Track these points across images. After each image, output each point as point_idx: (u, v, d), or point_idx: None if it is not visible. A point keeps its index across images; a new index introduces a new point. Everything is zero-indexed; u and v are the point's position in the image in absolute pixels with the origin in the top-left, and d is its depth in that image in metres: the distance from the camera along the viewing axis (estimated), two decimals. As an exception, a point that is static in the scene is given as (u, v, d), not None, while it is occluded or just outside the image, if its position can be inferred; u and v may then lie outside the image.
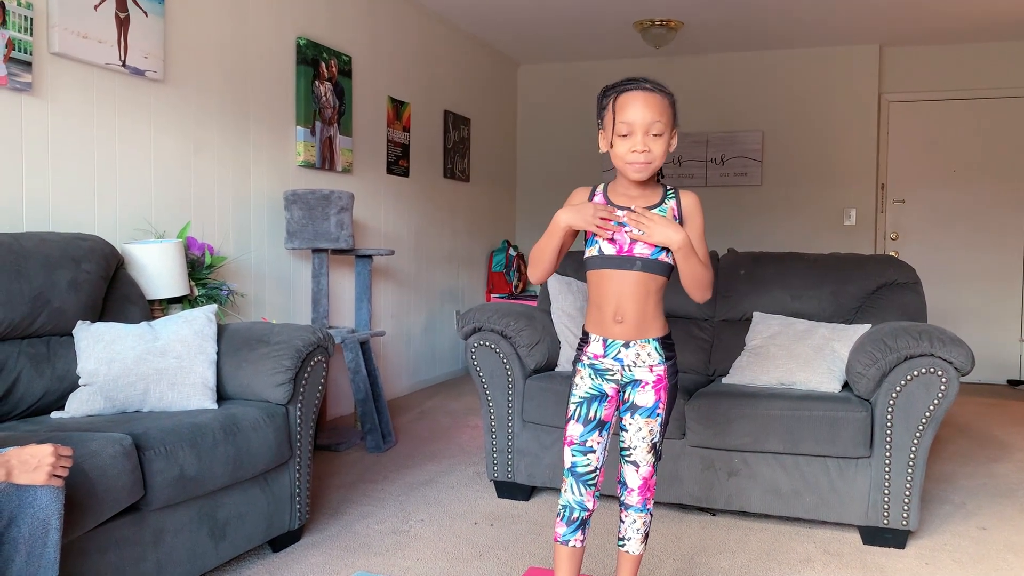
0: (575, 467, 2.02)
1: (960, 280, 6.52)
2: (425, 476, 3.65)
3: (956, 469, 3.87)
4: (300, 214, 4.05)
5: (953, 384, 2.74)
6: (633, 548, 2.07)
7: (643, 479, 2.03)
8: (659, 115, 1.87)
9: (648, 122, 1.86)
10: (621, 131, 1.88)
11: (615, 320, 1.95)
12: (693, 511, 3.20)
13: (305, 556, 2.73)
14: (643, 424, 2.00)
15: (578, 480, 2.01)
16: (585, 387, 2.01)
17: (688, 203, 1.99)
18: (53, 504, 1.70)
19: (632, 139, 1.87)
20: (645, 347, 1.97)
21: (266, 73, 4.18)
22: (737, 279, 3.74)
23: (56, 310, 2.57)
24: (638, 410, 1.99)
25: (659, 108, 1.88)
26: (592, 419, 2.00)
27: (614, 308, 1.95)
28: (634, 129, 1.87)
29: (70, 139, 3.10)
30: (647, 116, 1.86)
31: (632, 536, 2.06)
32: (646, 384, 1.99)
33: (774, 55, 6.76)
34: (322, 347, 2.80)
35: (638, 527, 2.06)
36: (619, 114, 1.88)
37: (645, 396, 1.99)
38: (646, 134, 1.87)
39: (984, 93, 6.41)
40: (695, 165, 6.98)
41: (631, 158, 1.88)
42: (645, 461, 2.02)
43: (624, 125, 1.87)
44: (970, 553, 2.82)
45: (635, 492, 2.04)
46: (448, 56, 6.14)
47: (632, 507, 2.05)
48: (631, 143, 1.87)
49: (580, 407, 2.01)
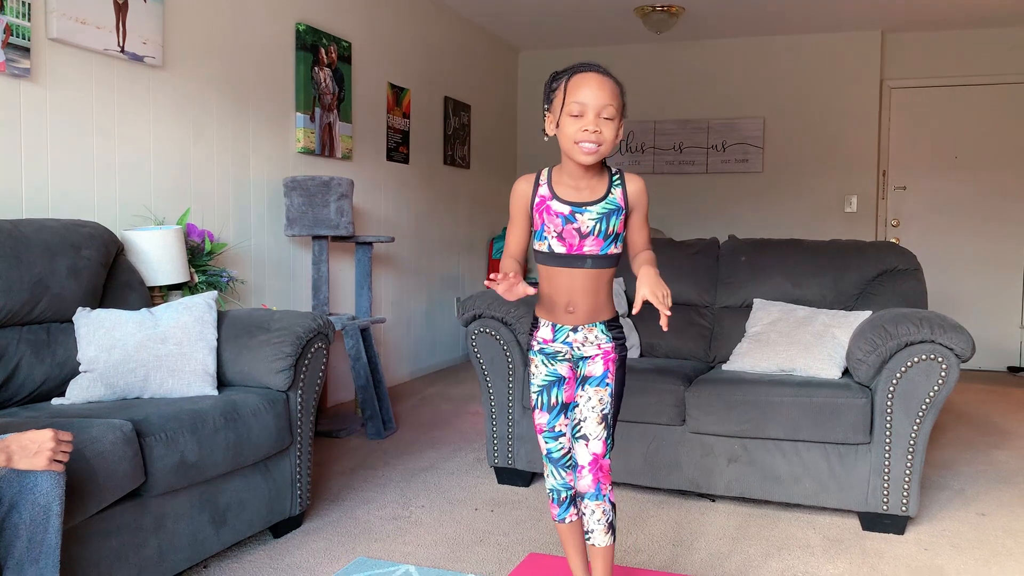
0: (550, 452, 2.06)
1: (961, 267, 6.51)
2: (426, 462, 3.66)
3: (956, 455, 3.88)
4: (300, 201, 4.05)
5: (953, 371, 2.74)
6: (598, 540, 1.99)
7: (593, 455, 1.97)
8: (611, 99, 1.85)
9: (601, 104, 1.84)
10: (572, 111, 1.85)
11: (567, 311, 1.98)
12: (693, 497, 3.21)
13: (306, 542, 2.74)
14: (592, 393, 1.99)
15: (555, 464, 2.07)
16: (542, 375, 2.04)
17: (634, 189, 1.97)
18: (54, 490, 1.70)
19: (583, 119, 1.85)
20: (592, 330, 1.99)
21: (265, 59, 4.16)
22: (738, 266, 3.73)
23: (56, 296, 2.57)
24: (587, 380, 2.00)
25: (612, 92, 1.86)
26: (555, 404, 2.04)
27: (566, 301, 1.97)
28: (586, 110, 1.84)
29: (69, 125, 3.09)
30: (600, 98, 1.84)
31: (594, 528, 1.99)
32: (595, 356, 2.00)
33: (775, 41, 6.73)
34: (322, 334, 2.80)
35: (598, 517, 1.98)
36: (571, 94, 1.86)
37: (594, 366, 2.00)
38: (598, 116, 1.85)
39: (987, 79, 6.39)
40: (696, 152, 6.96)
41: (581, 137, 1.85)
42: (595, 435, 1.97)
43: (576, 105, 1.85)
44: (969, 539, 2.83)
45: (586, 471, 1.97)
46: (448, 42, 6.12)
47: (587, 495, 1.98)
48: (582, 123, 1.84)
49: (541, 395, 2.05)
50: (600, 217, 1.92)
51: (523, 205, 2.01)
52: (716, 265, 3.79)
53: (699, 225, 6.87)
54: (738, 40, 6.81)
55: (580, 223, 1.93)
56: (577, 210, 1.93)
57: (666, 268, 3.80)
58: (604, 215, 1.93)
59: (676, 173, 7.02)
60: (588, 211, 1.93)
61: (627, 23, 6.38)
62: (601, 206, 1.93)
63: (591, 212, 1.93)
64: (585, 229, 1.92)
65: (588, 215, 1.93)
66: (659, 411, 3.08)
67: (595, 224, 1.92)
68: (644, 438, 3.12)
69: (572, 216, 1.93)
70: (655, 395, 3.08)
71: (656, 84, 7.05)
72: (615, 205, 1.94)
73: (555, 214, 1.94)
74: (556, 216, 1.94)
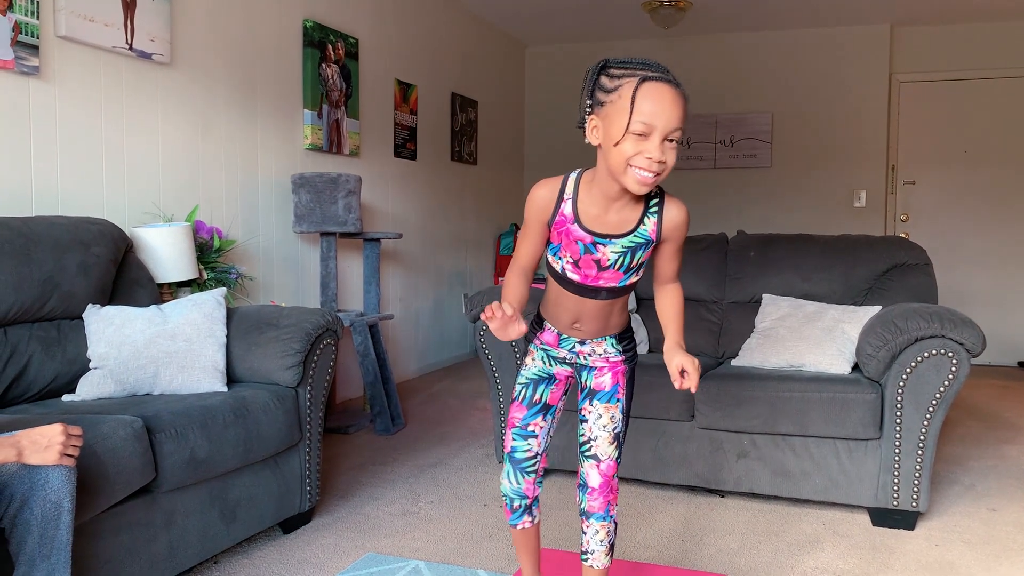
0: (514, 452, 1.88)
1: (971, 261, 6.48)
2: (434, 458, 3.66)
3: (966, 451, 3.86)
4: (308, 197, 4.05)
5: (964, 366, 2.73)
6: (598, 562, 1.88)
7: (604, 477, 1.84)
8: (682, 121, 1.56)
9: (672, 127, 1.55)
10: (637, 129, 1.54)
11: (573, 327, 1.82)
12: (702, 493, 3.20)
13: (315, 538, 2.74)
14: (603, 411, 1.84)
15: (516, 467, 1.89)
16: (534, 368, 1.90)
17: (672, 219, 1.70)
18: (65, 486, 1.70)
19: (648, 142, 1.54)
20: (601, 344, 1.84)
21: (273, 56, 4.17)
22: (747, 261, 3.72)
23: (66, 294, 2.58)
24: (596, 395, 1.85)
25: (683, 113, 1.56)
26: (537, 402, 1.88)
27: (573, 318, 1.81)
28: (653, 132, 1.54)
29: (78, 123, 3.10)
30: (673, 120, 1.54)
31: (595, 549, 1.88)
32: (603, 369, 1.85)
33: (784, 35, 6.70)
34: (331, 330, 2.80)
35: (601, 538, 1.87)
36: (640, 106, 1.53)
37: (602, 379, 1.85)
38: (664, 139, 1.55)
39: (997, 73, 6.35)
40: (704, 147, 6.94)
41: (642, 164, 1.55)
42: (607, 455, 1.84)
43: (643, 124, 1.54)
44: (979, 534, 2.82)
45: (596, 494, 1.85)
46: (455, 38, 6.11)
47: (594, 515, 1.86)
48: (646, 147, 1.54)
49: (526, 388, 1.89)
50: (625, 251, 1.70)
51: (541, 217, 1.75)
52: (725, 261, 3.78)
53: (707, 220, 6.85)
54: (746, 35, 6.79)
55: (601, 255, 1.70)
56: (600, 241, 1.69)
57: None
58: (630, 249, 1.70)
59: (684, 168, 7.00)
60: (613, 244, 1.69)
61: (635, 18, 6.36)
62: (628, 239, 1.69)
63: (615, 245, 1.69)
64: (606, 261, 1.71)
65: (612, 248, 1.70)
66: (668, 407, 3.07)
67: (618, 258, 1.70)
68: (653, 433, 3.12)
69: (593, 247, 1.70)
70: (664, 390, 3.07)
71: (664, 79, 7.02)
72: (645, 239, 1.70)
73: (574, 239, 1.71)
74: (575, 242, 1.71)
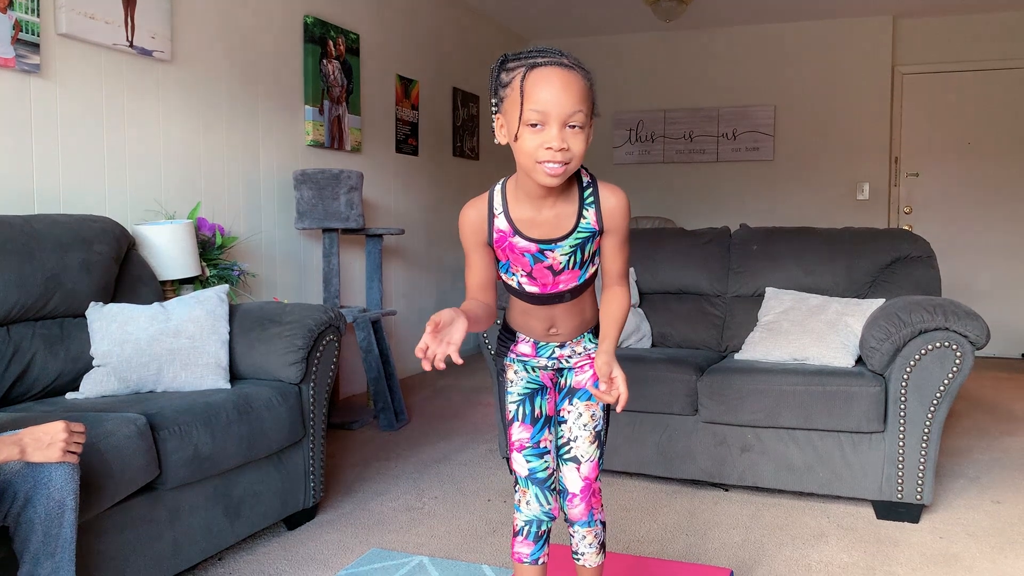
0: (535, 473, 1.74)
1: (974, 253, 6.46)
2: (438, 454, 3.66)
3: (970, 443, 3.86)
4: (310, 194, 4.05)
5: (968, 358, 2.72)
6: (590, 561, 1.81)
7: (586, 480, 1.74)
8: (580, 102, 1.45)
9: (567, 112, 1.44)
10: (531, 119, 1.45)
11: (550, 333, 1.73)
12: (706, 487, 3.20)
13: (320, 534, 2.75)
14: (583, 409, 1.74)
15: (541, 488, 1.75)
16: (522, 382, 1.76)
17: (610, 206, 1.59)
18: (68, 484, 1.71)
19: (546, 132, 1.45)
20: (579, 343, 1.75)
21: (274, 52, 4.16)
22: (749, 254, 3.71)
23: (69, 291, 2.58)
24: (576, 393, 1.75)
25: (580, 93, 1.45)
26: (539, 416, 1.76)
27: (548, 324, 1.72)
28: (548, 119, 1.44)
29: (79, 120, 3.10)
30: (566, 103, 1.44)
31: (586, 551, 1.80)
32: (583, 366, 1.75)
33: (785, 28, 6.68)
34: (334, 326, 2.80)
35: (589, 541, 1.79)
36: (529, 96, 1.45)
37: (581, 376, 1.75)
38: (563, 126, 1.45)
39: (1000, 64, 6.32)
40: (706, 140, 6.92)
41: (544, 156, 1.45)
42: (588, 456, 1.73)
43: (535, 113, 1.44)
44: (984, 527, 2.81)
45: (578, 500, 1.74)
46: (456, 33, 6.10)
47: (577, 522, 1.77)
48: (544, 137, 1.45)
49: (521, 405, 1.76)
50: (573, 249, 1.60)
51: (477, 240, 1.64)
52: (728, 254, 3.77)
53: (710, 214, 6.85)
54: (748, 27, 6.77)
55: (552, 260, 1.61)
56: (547, 247, 1.60)
57: (678, 258, 3.80)
58: (578, 246, 1.61)
59: (686, 162, 6.99)
60: (560, 247, 1.59)
61: (636, 11, 6.34)
62: (573, 238, 1.59)
63: (563, 247, 1.60)
64: (558, 265, 1.61)
65: (560, 251, 1.60)
66: (671, 401, 3.07)
67: (569, 258, 1.61)
68: (656, 428, 3.12)
69: (541, 254, 1.60)
70: (667, 385, 3.07)
71: (666, 73, 7.01)
72: (589, 231, 1.60)
73: (520, 252, 1.61)
74: (522, 255, 1.61)
